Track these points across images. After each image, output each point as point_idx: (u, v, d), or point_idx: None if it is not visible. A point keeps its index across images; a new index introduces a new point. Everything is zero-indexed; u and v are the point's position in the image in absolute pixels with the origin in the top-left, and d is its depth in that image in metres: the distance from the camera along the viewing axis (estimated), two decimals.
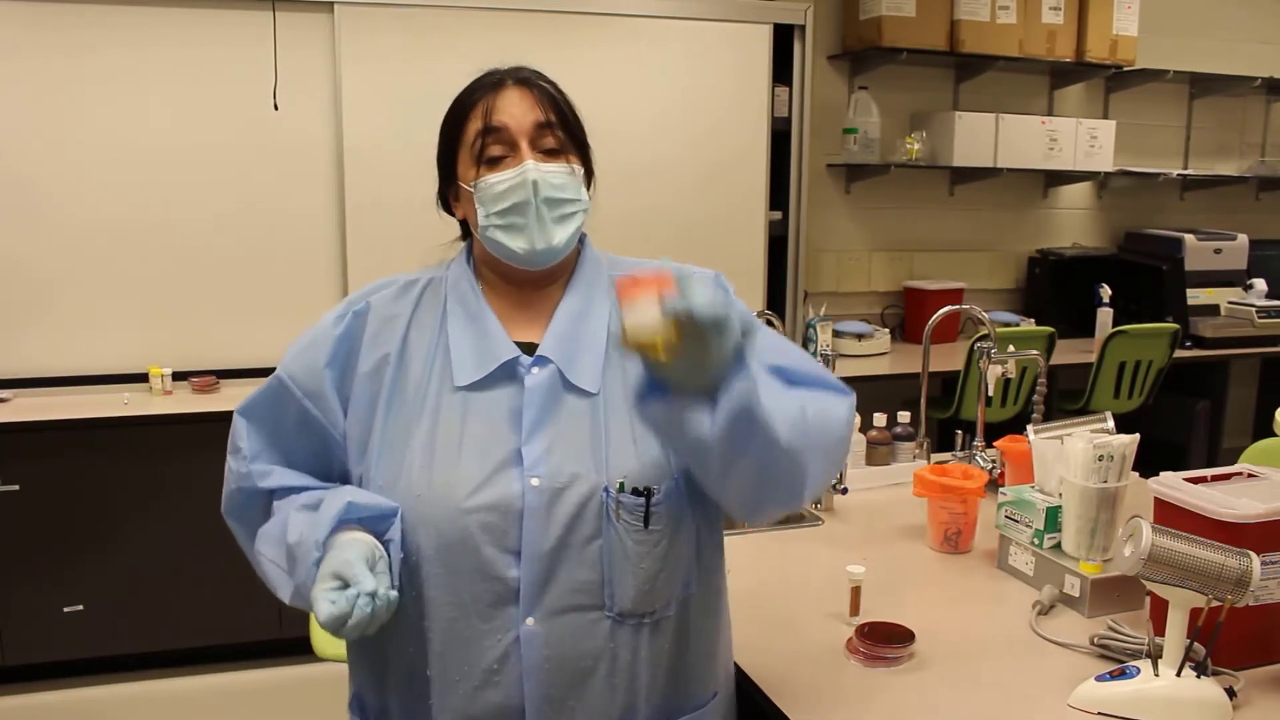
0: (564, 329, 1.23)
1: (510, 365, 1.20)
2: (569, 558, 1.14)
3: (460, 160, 1.23)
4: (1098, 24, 4.29)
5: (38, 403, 3.13)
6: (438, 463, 1.16)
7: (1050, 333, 3.87)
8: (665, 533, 1.18)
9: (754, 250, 3.84)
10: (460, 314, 1.24)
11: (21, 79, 3.09)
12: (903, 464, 2.33)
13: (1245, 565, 1.28)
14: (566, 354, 1.21)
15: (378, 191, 3.32)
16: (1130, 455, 1.65)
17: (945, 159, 4.22)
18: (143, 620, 3.12)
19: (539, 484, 1.14)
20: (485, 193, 1.20)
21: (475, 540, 1.14)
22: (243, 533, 1.27)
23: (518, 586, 1.14)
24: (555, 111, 1.22)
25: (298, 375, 1.23)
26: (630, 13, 3.54)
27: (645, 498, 1.16)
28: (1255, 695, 1.37)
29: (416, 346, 1.23)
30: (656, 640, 1.20)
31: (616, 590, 1.16)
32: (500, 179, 1.19)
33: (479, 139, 1.20)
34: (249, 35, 3.22)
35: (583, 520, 1.15)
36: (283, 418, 1.24)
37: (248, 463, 1.23)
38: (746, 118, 3.75)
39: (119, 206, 3.20)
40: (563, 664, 1.15)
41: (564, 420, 1.18)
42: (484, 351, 1.21)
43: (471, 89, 1.24)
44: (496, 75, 1.24)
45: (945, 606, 1.70)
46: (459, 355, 1.21)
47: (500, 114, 1.20)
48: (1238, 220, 4.94)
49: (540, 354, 1.20)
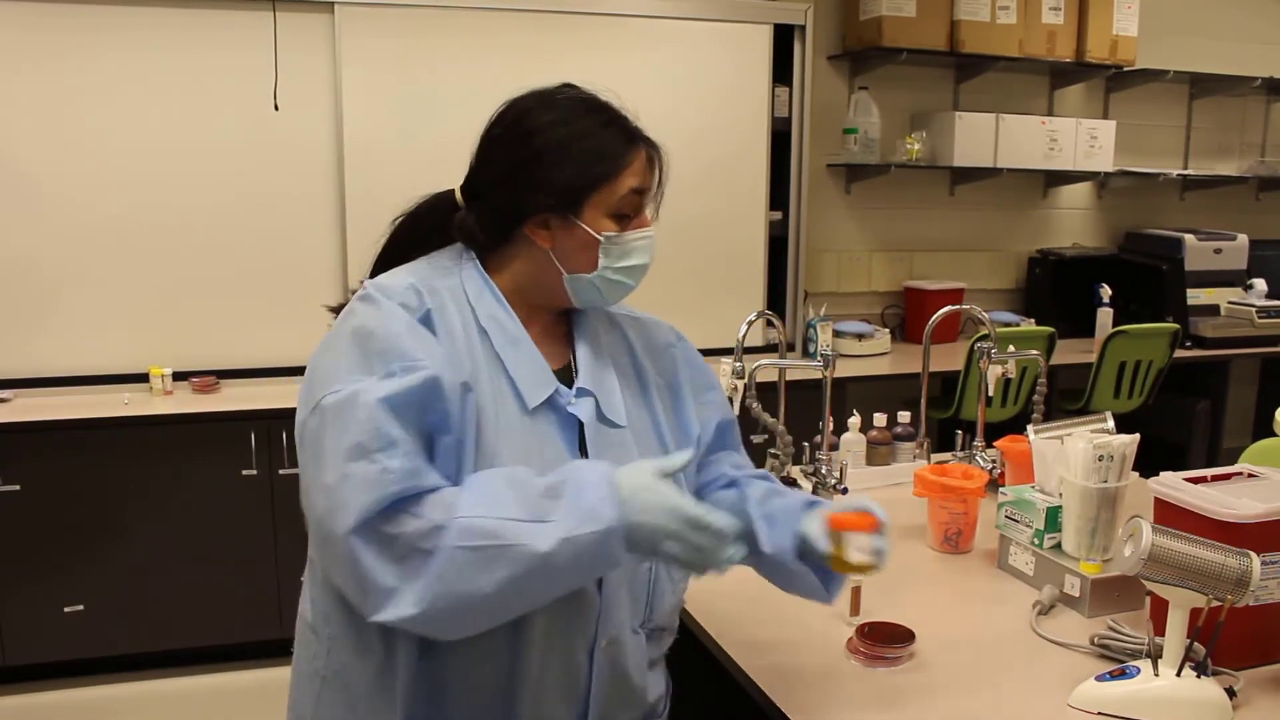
0: (589, 360, 1.28)
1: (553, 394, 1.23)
2: (630, 583, 1.24)
3: (592, 203, 1.21)
4: (1098, 24, 4.29)
5: (38, 403, 3.13)
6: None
7: (1050, 333, 3.87)
8: None
9: (754, 250, 3.84)
10: (500, 334, 1.22)
11: (23, 79, 3.09)
12: (903, 464, 2.33)
13: (1245, 565, 1.28)
14: (599, 386, 1.26)
15: (378, 192, 3.32)
16: (1130, 455, 1.65)
17: (945, 159, 4.22)
18: (143, 620, 3.12)
19: None
20: (620, 248, 1.23)
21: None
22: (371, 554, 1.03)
23: (599, 610, 1.20)
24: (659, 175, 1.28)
25: (446, 376, 1.12)
26: (630, 13, 3.54)
27: None
28: (1255, 695, 1.37)
29: (471, 362, 1.18)
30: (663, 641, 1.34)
31: (655, 609, 1.28)
32: (639, 239, 1.24)
33: (631, 195, 1.22)
34: (249, 36, 3.22)
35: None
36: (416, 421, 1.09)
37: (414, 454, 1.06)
38: (746, 118, 3.75)
39: (120, 206, 3.20)
40: (618, 678, 1.24)
41: (612, 451, 1.23)
42: (537, 377, 1.22)
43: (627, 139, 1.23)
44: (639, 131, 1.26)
45: (945, 606, 1.70)
46: (520, 378, 1.20)
47: (647, 179, 1.25)
48: (1238, 220, 4.94)
49: (581, 385, 1.25)
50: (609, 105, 1.26)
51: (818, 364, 2.18)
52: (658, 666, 1.34)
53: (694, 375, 1.41)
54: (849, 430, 2.31)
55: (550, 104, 1.24)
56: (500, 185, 1.23)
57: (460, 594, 1.03)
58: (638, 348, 1.36)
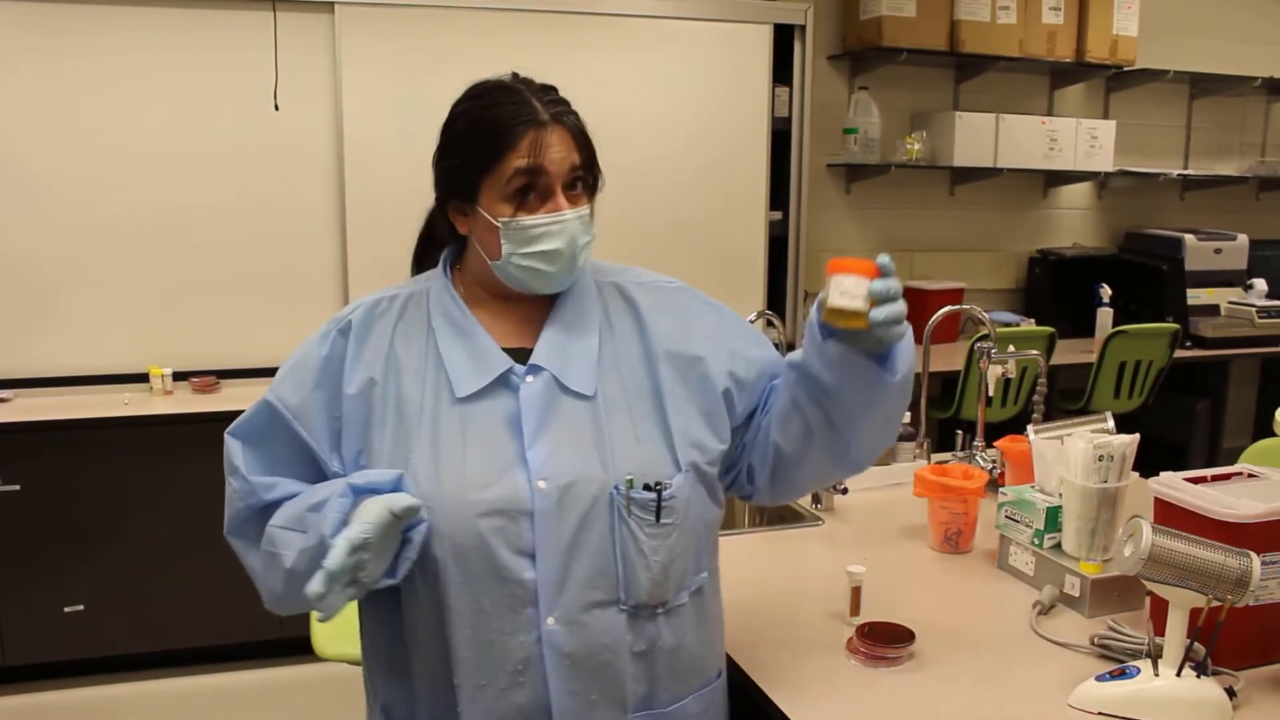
0: (557, 337, 1.25)
1: (505, 375, 1.22)
2: (582, 555, 1.18)
3: (486, 187, 1.20)
4: (1098, 24, 4.29)
5: (38, 403, 3.13)
6: (444, 471, 1.17)
7: (1050, 333, 3.87)
8: (675, 525, 1.22)
9: (754, 250, 3.84)
10: (448, 328, 1.25)
11: (22, 79, 3.09)
12: (903, 464, 2.33)
13: (1245, 565, 1.28)
14: (560, 361, 1.23)
15: (378, 192, 3.32)
16: (1130, 455, 1.65)
17: (945, 159, 4.22)
18: (143, 620, 3.12)
19: (545, 486, 1.17)
20: (519, 233, 1.20)
21: (489, 545, 1.16)
22: (247, 550, 1.25)
23: (535, 588, 1.17)
24: (585, 153, 1.23)
25: (286, 398, 1.23)
26: (630, 13, 3.54)
27: (657, 492, 1.20)
28: (1255, 695, 1.37)
29: (405, 362, 1.23)
30: (670, 628, 1.24)
31: (630, 584, 1.20)
32: (537, 224, 1.20)
33: (518, 176, 1.19)
34: (249, 36, 3.22)
35: (593, 518, 1.18)
36: (274, 440, 1.24)
37: (248, 479, 1.22)
38: (746, 118, 3.75)
39: (120, 206, 3.20)
40: (584, 659, 1.18)
41: (564, 424, 1.21)
42: (479, 364, 1.22)
43: (511, 119, 1.19)
44: (534, 109, 1.19)
45: (945, 607, 1.70)
46: (454, 368, 1.22)
47: (543, 156, 1.19)
48: (1238, 220, 4.94)
49: (533, 363, 1.23)
50: (513, 88, 1.22)
51: None
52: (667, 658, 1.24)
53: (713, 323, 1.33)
54: None
55: (465, 96, 1.25)
56: (434, 178, 1.28)
57: (270, 589, 1.21)
58: (642, 309, 1.31)
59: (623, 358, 1.27)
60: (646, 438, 1.23)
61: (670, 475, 1.22)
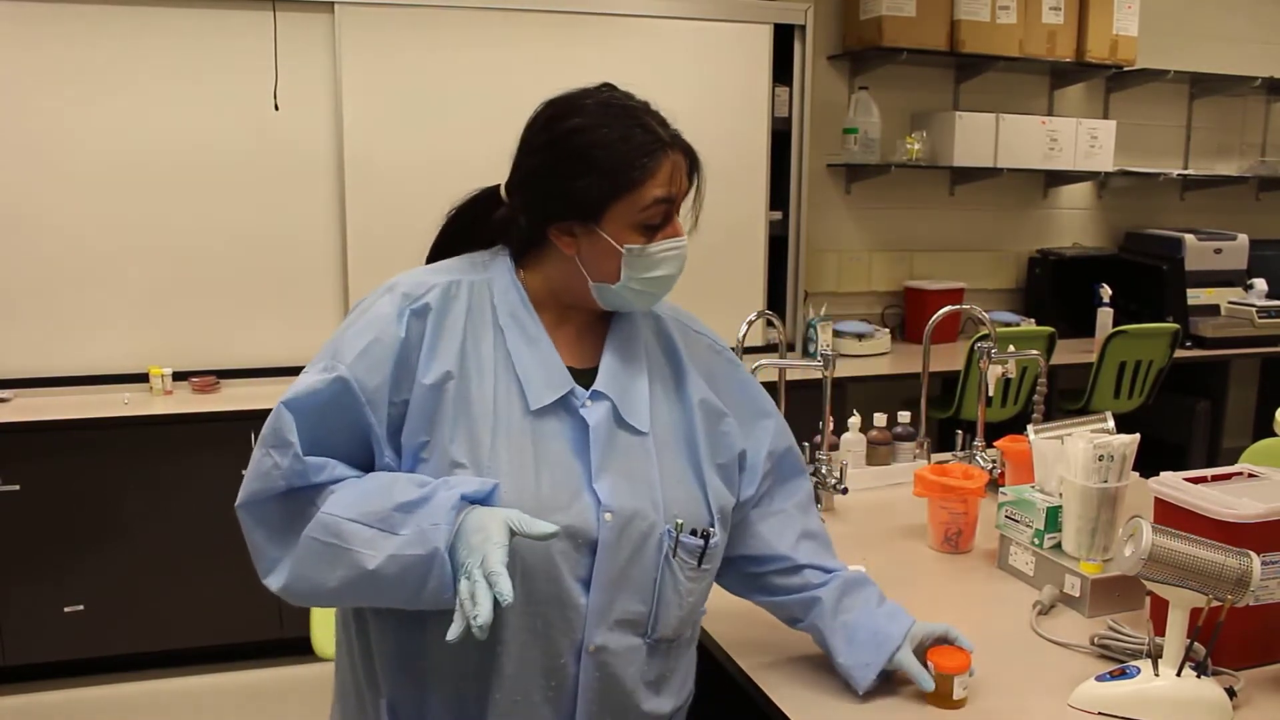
0: (614, 366, 1.25)
1: (567, 395, 1.21)
2: (627, 588, 1.20)
3: (615, 211, 1.18)
4: (1098, 24, 4.29)
5: (38, 403, 3.13)
6: (521, 487, 1.15)
7: (1050, 333, 3.87)
8: (710, 571, 1.28)
9: (754, 250, 3.84)
10: (517, 333, 1.22)
11: (21, 79, 3.09)
12: (903, 464, 2.33)
13: (1245, 565, 1.28)
14: (619, 390, 1.24)
15: (378, 191, 3.31)
16: (1130, 455, 1.65)
17: (945, 159, 4.22)
18: (143, 620, 3.12)
19: (611, 519, 1.18)
20: (644, 260, 1.21)
21: (557, 568, 1.16)
22: (260, 529, 1.15)
23: (585, 614, 1.18)
24: (693, 175, 1.25)
25: (364, 379, 1.15)
26: (631, 13, 3.54)
27: (704, 539, 1.24)
28: (1255, 695, 1.37)
29: (475, 359, 1.19)
30: (675, 658, 1.30)
31: (660, 620, 1.24)
32: (662, 250, 1.21)
33: (656, 206, 1.19)
34: (249, 35, 3.22)
35: (643, 555, 1.20)
36: (334, 419, 1.15)
37: (302, 459, 1.12)
38: (746, 118, 3.75)
39: (119, 206, 3.20)
40: (611, 686, 1.22)
41: (624, 458, 1.22)
42: (550, 376, 1.21)
43: (649, 145, 1.18)
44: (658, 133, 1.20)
45: (945, 606, 1.70)
46: (529, 378, 1.20)
47: (674, 185, 1.20)
48: (1238, 220, 4.95)
49: (596, 389, 1.23)
50: (638, 109, 1.21)
51: (818, 364, 2.17)
52: (667, 685, 1.29)
53: (740, 398, 1.37)
54: (849, 430, 2.31)
55: (578, 108, 1.20)
56: (527, 188, 1.23)
57: (311, 580, 1.11)
58: (683, 355, 1.33)
59: (661, 397, 1.29)
60: (689, 481, 1.26)
61: (707, 521, 1.26)
